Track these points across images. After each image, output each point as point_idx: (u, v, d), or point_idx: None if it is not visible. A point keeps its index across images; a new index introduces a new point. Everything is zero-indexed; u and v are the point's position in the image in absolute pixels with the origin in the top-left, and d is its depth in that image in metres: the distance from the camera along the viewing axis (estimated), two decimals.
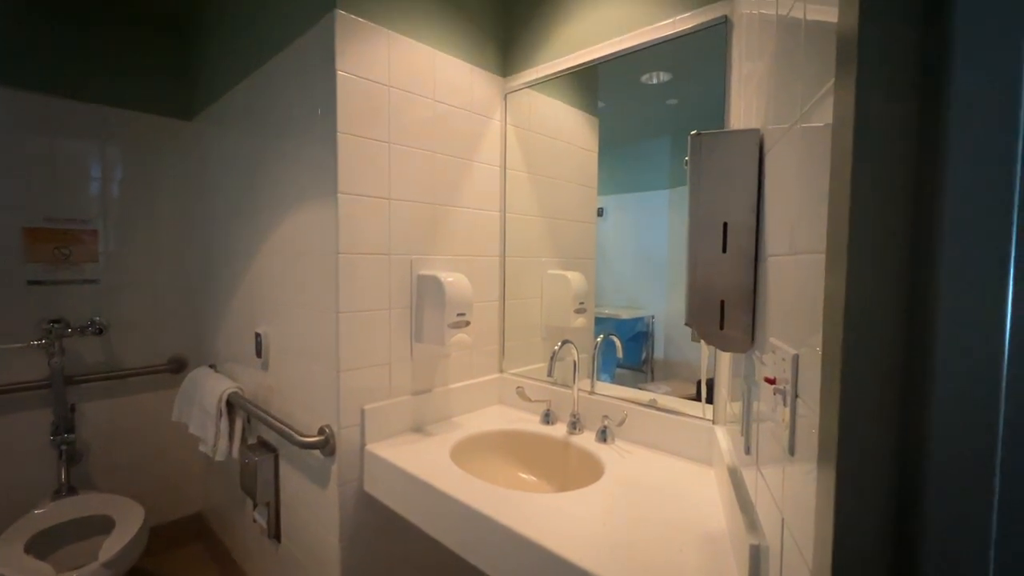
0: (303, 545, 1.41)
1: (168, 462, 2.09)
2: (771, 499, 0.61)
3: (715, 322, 0.75)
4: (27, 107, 1.73)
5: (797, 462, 0.49)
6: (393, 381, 1.33)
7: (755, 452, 0.71)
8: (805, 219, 0.50)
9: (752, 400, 0.73)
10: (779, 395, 0.55)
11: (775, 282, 0.62)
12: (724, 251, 0.74)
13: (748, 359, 0.76)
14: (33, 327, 1.76)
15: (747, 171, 0.73)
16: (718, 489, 1.01)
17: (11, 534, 1.48)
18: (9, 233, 1.72)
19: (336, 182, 1.18)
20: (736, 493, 0.80)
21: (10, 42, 1.70)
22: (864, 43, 0.36)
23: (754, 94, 0.82)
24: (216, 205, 1.90)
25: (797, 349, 0.51)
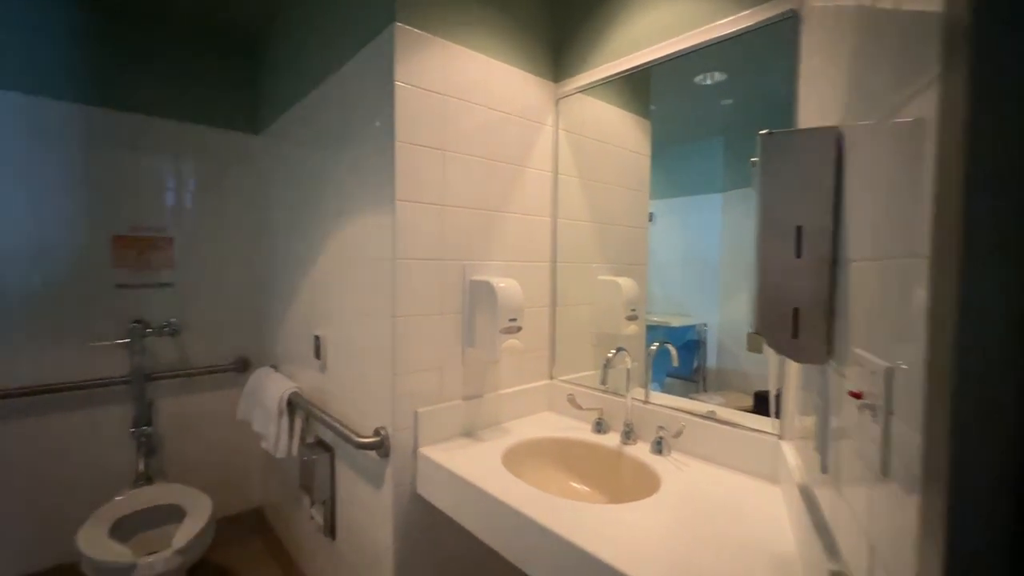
0: (357, 543, 1.44)
1: (232, 458, 2.20)
2: (855, 523, 0.56)
3: (787, 331, 0.71)
4: (113, 125, 1.89)
5: (892, 484, 0.45)
6: (445, 385, 1.35)
7: (834, 471, 0.67)
8: (896, 221, 0.46)
9: (830, 415, 0.68)
10: (867, 410, 0.51)
11: (859, 289, 0.58)
12: (798, 256, 0.70)
13: (824, 371, 0.72)
14: (118, 327, 1.91)
15: (823, 171, 0.69)
16: (786, 508, 0.95)
17: (97, 518, 1.61)
18: (101, 241, 1.88)
19: (394, 190, 1.22)
20: (809, 514, 0.75)
21: (100, 67, 1.87)
22: (978, 32, 0.33)
23: (828, 90, 0.77)
24: (279, 214, 2.00)
25: (889, 361, 0.47)
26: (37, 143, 1.76)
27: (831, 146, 0.68)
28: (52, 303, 1.80)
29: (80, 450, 1.86)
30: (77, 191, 1.84)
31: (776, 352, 0.73)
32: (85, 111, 1.84)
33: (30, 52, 1.74)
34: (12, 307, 1.72)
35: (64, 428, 1.83)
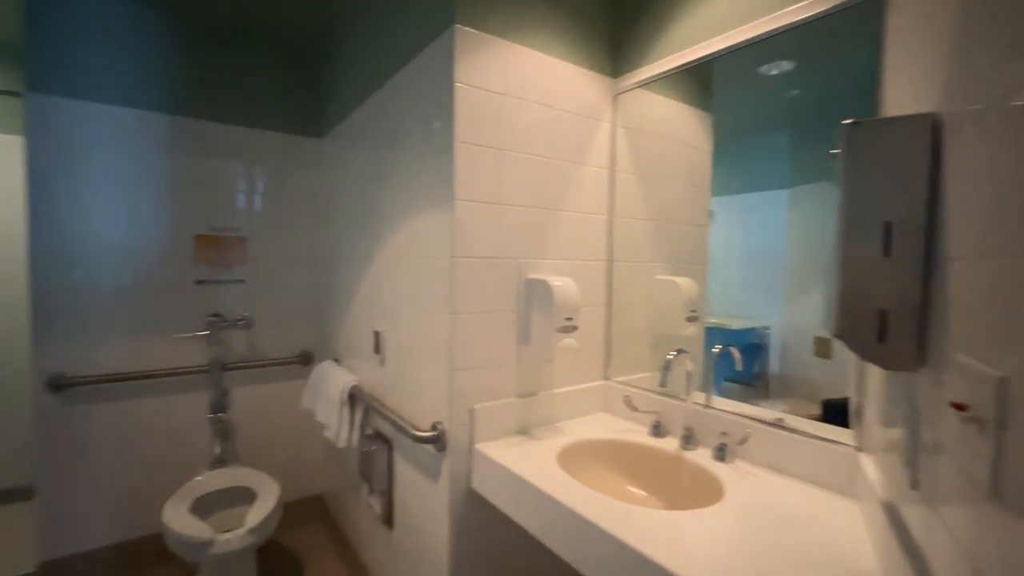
0: (414, 534, 1.48)
1: (296, 445, 2.32)
2: (955, 546, 0.52)
3: (872, 335, 0.66)
4: (193, 133, 2.04)
5: (1004, 507, 0.41)
6: (500, 383, 1.35)
7: (927, 488, 0.61)
8: (1015, 215, 0.42)
9: (922, 426, 0.63)
10: (972, 423, 0.46)
11: (962, 289, 0.53)
12: (886, 254, 0.64)
13: (916, 379, 0.66)
14: (199, 320, 2.06)
15: (917, 162, 0.63)
16: (866, 526, 0.88)
17: (179, 496, 1.74)
18: (184, 240, 2.04)
19: (453, 189, 1.24)
20: (895, 533, 0.69)
21: (182, 80, 2.02)
22: None
23: (921, 74, 0.71)
24: (341, 214, 2.09)
25: (1002, 369, 0.42)
26: (130, 151, 1.93)
27: (926, 134, 0.63)
28: (142, 297, 1.96)
29: (165, 432, 2.02)
30: (163, 194, 2.00)
31: (860, 358, 0.68)
32: (169, 120, 1.99)
33: (125, 70, 1.91)
34: (108, 301, 1.90)
35: (152, 412, 1.99)
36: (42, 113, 1.77)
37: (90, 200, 1.86)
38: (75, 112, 1.82)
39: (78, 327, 1.85)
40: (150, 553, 1.96)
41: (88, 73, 1.84)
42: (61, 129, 1.80)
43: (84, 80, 1.83)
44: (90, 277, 1.87)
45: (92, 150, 1.86)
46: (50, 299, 1.80)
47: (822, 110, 1.20)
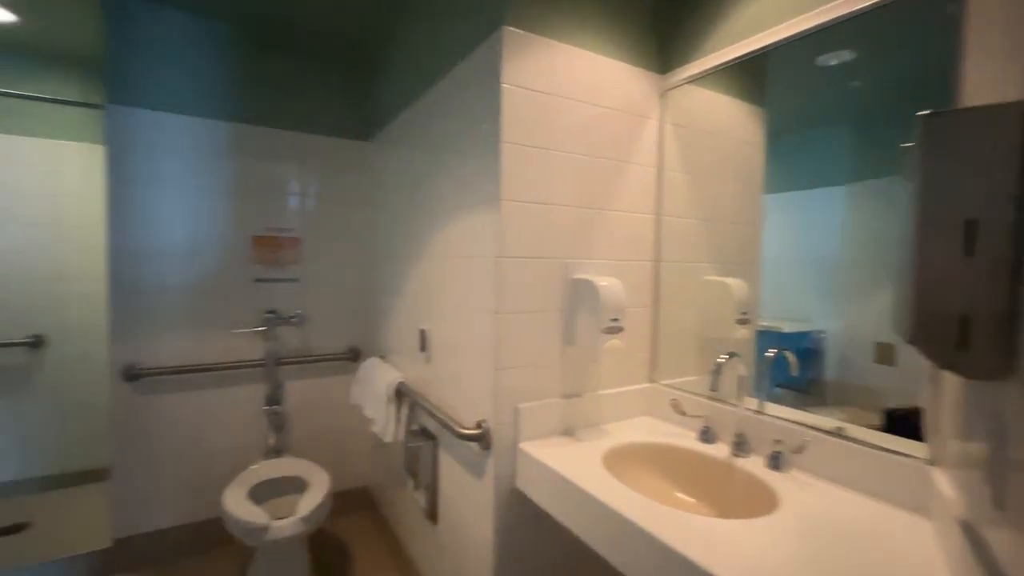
0: (458, 530, 1.50)
1: (344, 438, 2.41)
2: None
3: (951, 341, 0.61)
4: (249, 138, 2.15)
5: None
6: (544, 383, 1.35)
7: (1015, 508, 0.56)
8: None
9: (1009, 441, 0.58)
10: None
11: None
12: (968, 254, 0.60)
13: (1002, 389, 0.61)
14: (256, 316, 2.17)
15: (1005, 155, 0.58)
16: (939, 545, 0.83)
17: (238, 483, 1.84)
18: (243, 241, 2.15)
19: (499, 190, 1.25)
20: (975, 554, 0.64)
21: (241, 89, 2.13)
22: None
23: (1008, 62, 0.65)
24: (389, 214, 2.14)
25: None
26: (195, 157, 2.05)
27: (1016, 125, 0.58)
28: (205, 295, 2.09)
29: (225, 422, 2.14)
30: (224, 198, 2.11)
31: (936, 366, 0.64)
32: (230, 128, 2.11)
33: (191, 81, 2.03)
34: (175, 298, 2.03)
35: (213, 402, 2.12)
36: (120, 123, 1.91)
37: (160, 203, 1.99)
38: (148, 122, 1.95)
39: (149, 322, 1.99)
40: (212, 535, 2.09)
41: (159, 85, 1.97)
42: (135, 138, 1.94)
43: (156, 91, 1.96)
44: (160, 275, 2.00)
45: (162, 157, 1.99)
46: (125, 296, 1.94)
47: (885, 101, 1.13)
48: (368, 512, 2.44)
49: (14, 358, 2.43)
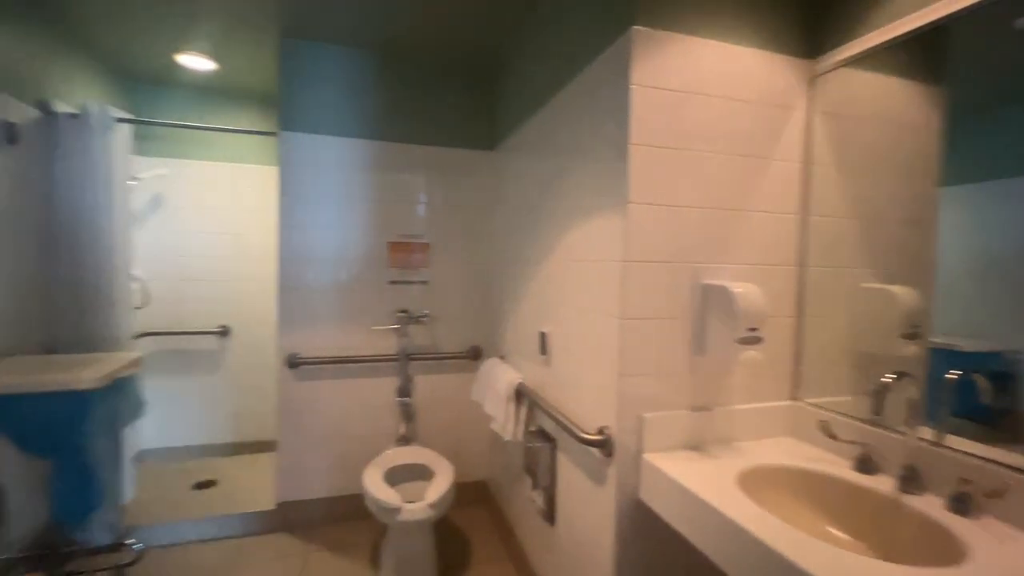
0: (576, 535, 1.50)
1: (465, 433, 2.54)
2: None
3: None
4: (386, 153, 2.37)
5: None
6: (671, 393, 1.30)
7: None
8: None
9: None
10: None
11: None
12: None
13: None
14: (390, 315, 2.39)
15: None
16: None
17: (375, 465, 2.03)
18: (381, 246, 2.38)
19: (627, 193, 1.22)
20: None
21: (379, 111, 2.36)
22: None
23: None
24: (511, 220, 2.22)
25: None
26: (343, 173, 2.32)
27: None
28: (349, 294, 2.35)
29: (363, 409, 2.39)
30: (366, 207, 2.36)
31: None
32: (370, 145, 2.35)
33: (341, 106, 2.30)
34: (326, 296, 2.31)
35: (354, 390, 2.37)
36: (288, 146, 2.23)
37: (316, 214, 2.29)
38: (308, 144, 2.26)
39: (307, 317, 2.29)
40: (352, 509, 2.34)
41: (317, 111, 2.26)
42: (299, 158, 2.25)
43: (315, 117, 2.26)
44: (315, 277, 2.30)
45: (318, 174, 2.28)
46: (289, 294, 2.26)
47: None
48: (484, 505, 2.54)
49: (208, 344, 2.96)
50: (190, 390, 2.94)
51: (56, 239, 2.02)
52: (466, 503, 2.50)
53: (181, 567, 2.01)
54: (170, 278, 2.85)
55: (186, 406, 2.93)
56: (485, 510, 2.52)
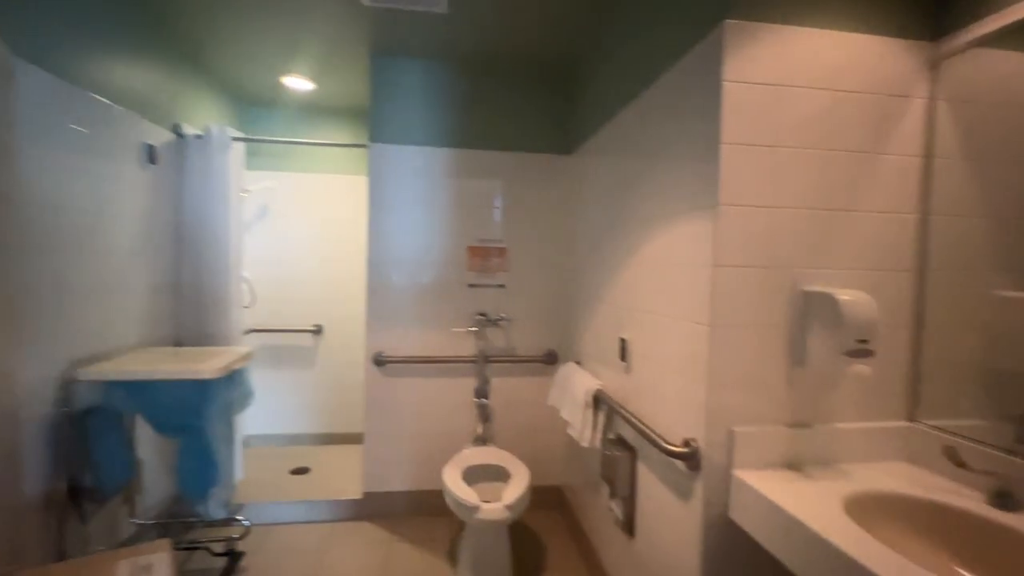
0: (658, 550, 1.45)
1: (540, 437, 2.54)
2: None
3: None
4: (465, 160, 2.44)
5: None
6: (764, 406, 1.21)
7: None
8: None
9: None
10: None
11: None
12: None
13: None
14: (469, 318, 2.45)
15: None
16: None
17: (454, 463, 2.09)
18: (460, 250, 2.46)
19: (717, 194, 1.17)
20: None
21: (456, 119, 2.44)
22: None
23: None
24: (589, 224, 2.20)
25: None
26: (424, 180, 2.42)
27: None
28: (430, 297, 2.45)
29: (442, 408, 2.47)
30: (445, 213, 2.45)
31: None
32: (450, 153, 2.43)
33: (423, 117, 2.41)
34: (409, 298, 2.43)
35: (434, 389, 2.46)
36: (376, 157, 2.38)
37: (400, 221, 2.41)
38: (394, 154, 2.39)
39: (391, 318, 2.42)
40: (431, 504, 2.42)
41: (402, 122, 2.39)
42: (386, 168, 2.38)
43: (400, 128, 2.39)
44: (399, 280, 2.42)
45: (402, 182, 2.40)
46: (377, 296, 2.40)
47: None
48: (560, 511, 2.53)
49: (304, 341, 3.21)
50: (287, 383, 3.21)
51: (183, 246, 2.30)
52: (541, 507, 2.50)
53: (281, 545, 2.20)
54: (272, 280, 3.13)
55: (284, 397, 3.20)
56: (560, 515, 2.50)
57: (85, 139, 1.66)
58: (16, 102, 1.36)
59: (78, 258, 1.65)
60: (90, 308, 1.71)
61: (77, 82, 1.62)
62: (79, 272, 1.65)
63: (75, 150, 1.62)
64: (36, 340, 1.47)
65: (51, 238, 1.52)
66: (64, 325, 1.59)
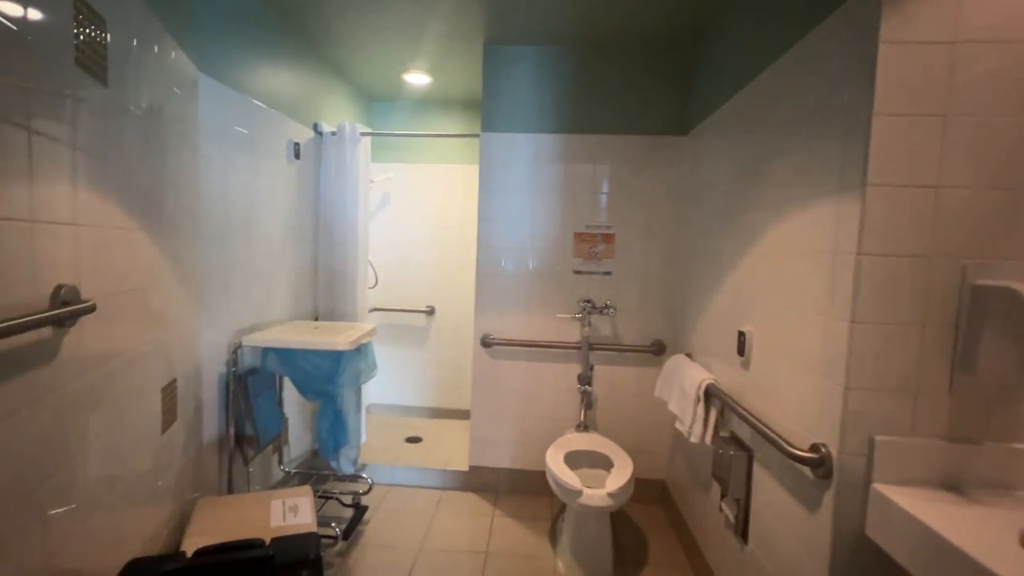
0: (776, 559, 1.35)
1: (645, 428, 2.48)
2: None
3: None
4: (572, 145, 2.41)
5: None
6: (918, 416, 1.06)
7: None
8: None
9: None
10: None
11: None
12: None
13: None
14: (574, 304, 2.45)
15: None
16: None
17: (556, 446, 2.12)
18: (567, 236, 2.45)
19: (865, 173, 1.03)
20: None
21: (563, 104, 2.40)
22: None
23: None
24: (705, 208, 2.07)
25: None
26: (531, 167, 2.45)
27: None
28: (536, 283, 2.48)
29: (546, 392, 2.51)
30: (553, 199, 2.45)
31: None
32: (557, 139, 2.42)
33: (532, 104, 2.42)
34: (515, 284, 2.49)
35: (538, 373, 2.51)
36: (487, 146, 2.45)
37: (508, 207, 2.46)
38: (503, 142, 2.44)
39: (499, 301, 2.50)
40: (531, 484, 2.49)
41: (511, 110, 2.43)
42: (495, 156, 2.45)
43: (509, 116, 2.43)
44: (507, 264, 2.49)
45: (511, 169, 2.45)
46: (485, 280, 2.50)
47: None
48: (662, 506, 2.46)
49: (418, 321, 3.45)
50: (403, 359, 3.48)
51: (320, 233, 2.59)
52: (644, 500, 2.45)
53: (397, 505, 2.42)
54: (391, 264, 3.39)
55: (400, 371, 3.48)
56: (663, 510, 2.43)
57: (245, 139, 1.93)
58: (197, 109, 1.62)
59: (242, 244, 1.93)
60: (250, 286, 2.00)
61: (240, 89, 1.89)
62: (242, 256, 1.94)
63: (238, 149, 1.89)
64: (211, 312, 1.76)
65: (222, 226, 1.80)
66: (231, 300, 1.88)
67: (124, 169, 1.20)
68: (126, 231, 1.22)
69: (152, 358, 1.37)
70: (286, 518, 1.54)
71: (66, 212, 0.99)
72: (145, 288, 1.32)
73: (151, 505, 1.38)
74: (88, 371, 1.08)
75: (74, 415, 1.03)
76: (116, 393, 1.19)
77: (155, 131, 1.35)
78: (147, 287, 1.33)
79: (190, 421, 1.63)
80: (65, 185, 0.98)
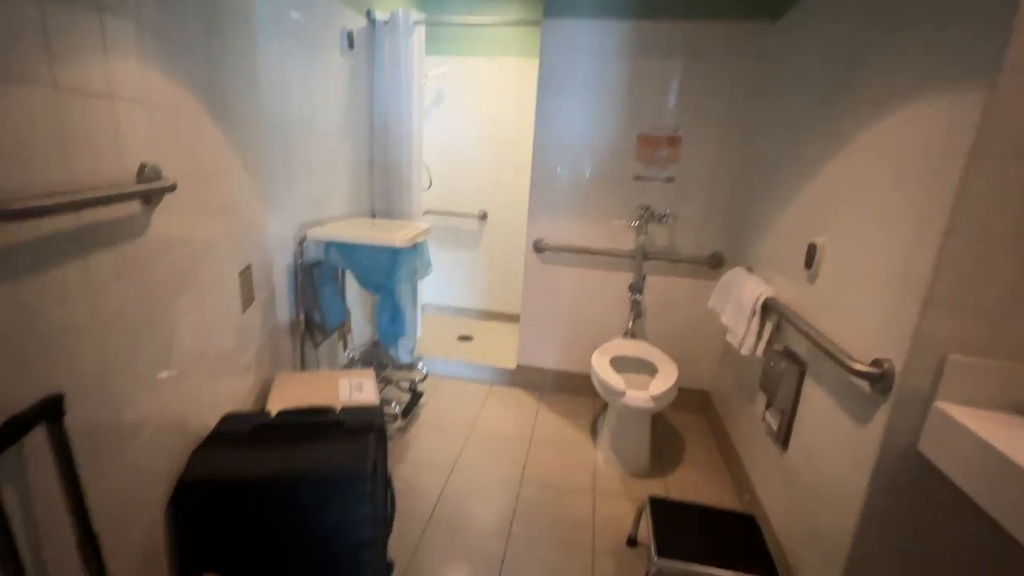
0: (814, 467, 1.37)
1: (693, 339, 2.47)
2: None
3: None
4: (640, 35, 2.17)
5: None
6: (1000, 337, 0.98)
7: None
8: None
9: None
10: None
11: None
12: None
13: None
14: (631, 211, 2.36)
15: None
16: None
17: (602, 350, 2.18)
18: (629, 139, 2.30)
19: (1001, 55, 0.86)
20: None
21: None
22: None
23: None
24: (790, 107, 1.85)
25: None
26: (595, 60, 2.24)
27: None
28: (593, 187, 2.39)
29: (596, 298, 2.53)
30: (616, 97, 2.27)
31: None
32: (625, 27, 2.18)
33: None
34: (571, 187, 2.41)
35: (589, 280, 2.51)
36: (549, 34, 2.25)
37: (568, 105, 2.31)
38: (567, 30, 2.23)
39: (553, 206, 2.45)
40: (575, 385, 2.61)
41: None
42: (556, 47, 2.26)
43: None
44: (564, 167, 2.40)
45: (573, 62, 2.26)
46: (540, 183, 2.43)
47: None
48: (704, 415, 2.52)
49: (470, 225, 3.47)
50: (456, 262, 3.56)
51: (375, 130, 2.56)
52: (686, 408, 2.51)
53: (449, 394, 2.62)
54: (445, 165, 3.35)
55: (453, 272, 3.59)
56: (705, 418, 2.50)
57: (299, 26, 1.86)
58: None
59: (300, 138, 1.95)
60: (310, 181, 2.05)
61: None
62: (301, 150, 1.96)
63: (293, 38, 1.83)
64: (276, 206, 1.83)
65: (281, 119, 1.81)
66: (293, 195, 1.94)
67: (187, 49, 1.20)
68: (194, 113, 1.25)
69: (227, 243, 1.46)
70: (352, 395, 1.71)
71: (138, 90, 1.01)
72: (216, 174, 1.38)
73: (237, 375, 1.57)
74: (175, 249, 1.17)
75: (163, 290, 1.14)
76: (199, 273, 1.30)
77: (214, 11, 1.32)
78: (218, 172, 1.39)
79: (266, 304, 1.77)
80: (134, 63, 1.00)
